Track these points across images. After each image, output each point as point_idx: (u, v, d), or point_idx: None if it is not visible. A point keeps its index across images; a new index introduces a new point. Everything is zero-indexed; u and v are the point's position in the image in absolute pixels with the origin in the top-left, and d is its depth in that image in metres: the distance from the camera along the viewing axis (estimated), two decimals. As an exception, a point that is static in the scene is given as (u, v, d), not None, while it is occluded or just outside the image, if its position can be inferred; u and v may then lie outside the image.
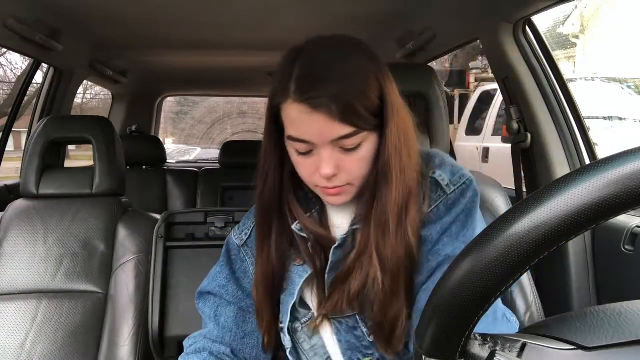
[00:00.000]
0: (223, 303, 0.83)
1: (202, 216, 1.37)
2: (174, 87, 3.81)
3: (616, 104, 4.72)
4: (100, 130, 1.37)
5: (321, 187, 0.71)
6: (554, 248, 0.32)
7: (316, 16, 1.87)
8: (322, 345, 0.79)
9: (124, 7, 1.74)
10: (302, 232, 0.76)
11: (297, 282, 0.77)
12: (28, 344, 1.19)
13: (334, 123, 0.65)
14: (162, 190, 2.85)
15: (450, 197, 0.73)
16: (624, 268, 1.29)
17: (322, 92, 0.64)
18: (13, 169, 2.94)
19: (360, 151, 0.69)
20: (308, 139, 0.67)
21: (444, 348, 0.37)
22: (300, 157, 0.70)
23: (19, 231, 1.30)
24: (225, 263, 0.86)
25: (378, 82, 0.68)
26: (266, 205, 0.76)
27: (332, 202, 0.74)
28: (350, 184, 0.71)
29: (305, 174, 0.72)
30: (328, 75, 0.65)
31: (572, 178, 0.32)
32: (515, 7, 1.38)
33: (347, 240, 0.75)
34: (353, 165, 0.69)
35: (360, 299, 0.73)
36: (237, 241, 0.86)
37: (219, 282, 0.85)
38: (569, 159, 1.47)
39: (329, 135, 0.66)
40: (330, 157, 0.68)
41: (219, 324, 0.82)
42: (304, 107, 0.65)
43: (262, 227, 0.78)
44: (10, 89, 8.52)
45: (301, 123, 0.66)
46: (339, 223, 0.79)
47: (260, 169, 0.76)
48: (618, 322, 0.35)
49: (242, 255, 0.85)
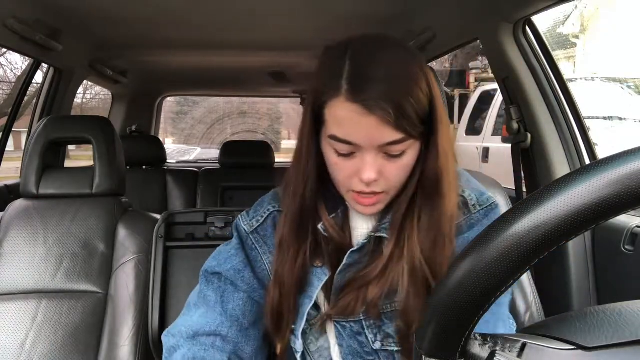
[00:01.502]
0: (230, 288, 0.78)
1: (202, 216, 1.37)
2: (174, 87, 3.81)
3: (616, 104, 4.72)
4: (100, 130, 1.37)
5: (355, 193, 0.69)
6: (554, 248, 0.32)
7: (316, 16, 1.87)
8: (326, 347, 0.78)
9: (124, 7, 1.74)
10: (326, 232, 0.74)
11: (317, 285, 0.75)
12: (28, 344, 1.19)
13: (387, 127, 0.62)
14: (162, 190, 2.85)
15: (474, 217, 0.73)
16: (624, 268, 1.29)
17: (377, 94, 0.61)
18: (13, 169, 2.94)
19: (403, 159, 0.67)
20: (355, 141, 0.64)
21: (444, 348, 0.37)
22: (339, 159, 0.67)
23: (19, 231, 1.30)
24: (239, 247, 0.81)
25: (428, 87, 0.66)
26: (307, 206, 0.73)
27: (364, 212, 0.72)
28: (386, 192, 0.69)
29: (342, 176, 0.69)
30: (383, 76, 0.63)
31: (572, 178, 0.32)
32: (515, 7, 1.38)
33: (366, 245, 0.74)
34: (394, 172, 0.67)
35: (379, 305, 0.71)
36: (246, 227, 0.82)
37: (234, 265, 0.79)
38: (569, 159, 1.47)
39: (378, 140, 0.64)
40: (374, 161, 0.65)
41: (227, 312, 0.77)
42: (357, 108, 0.62)
43: (299, 227, 0.74)
44: (10, 89, 8.52)
45: (350, 124, 0.63)
46: (358, 226, 0.77)
47: (298, 168, 0.73)
48: (618, 322, 0.35)
49: (250, 242, 0.81)
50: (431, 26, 1.78)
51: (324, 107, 0.66)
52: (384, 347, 0.74)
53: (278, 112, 10.02)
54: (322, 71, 0.68)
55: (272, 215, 0.81)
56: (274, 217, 0.81)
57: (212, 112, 7.85)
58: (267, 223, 0.81)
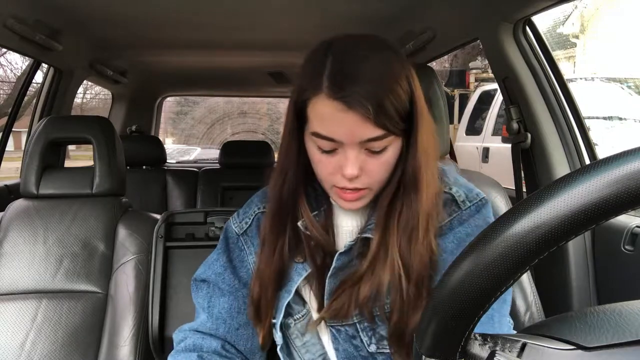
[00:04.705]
0: (217, 293, 0.81)
1: (202, 216, 1.37)
2: (174, 87, 3.81)
3: (616, 104, 4.72)
4: (100, 130, 1.37)
5: (339, 188, 0.70)
6: (554, 248, 0.32)
7: (316, 16, 1.87)
8: (314, 343, 0.79)
9: (124, 7, 1.74)
10: (307, 230, 0.75)
11: (296, 280, 0.76)
12: (28, 344, 1.19)
13: (367, 124, 0.63)
14: (162, 190, 2.85)
15: (464, 213, 0.74)
16: (624, 268, 1.29)
17: (357, 91, 0.62)
18: (13, 169, 2.94)
19: (385, 155, 0.68)
20: (337, 138, 0.66)
21: (444, 348, 0.37)
22: (322, 155, 0.69)
23: (19, 231, 1.30)
24: (222, 250, 0.84)
25: (409, 85, 0.67)
26: (285, 201, 0.75)
27: (347, 207, 0.73)
28: (369, 188, 0.70)
29: (325, 172, 0.70)
30: (363, 74, 0.64)
31: (572, 178, 0.32)
32: (515, 7, 1.38)
33: (353, 247, 0.74)
34: (376, 168, 0.69)
35: (369, 306, 0.72)
36: (236, 229, 0.84)
37: (215, 269, 0.82)
38: (569, 159, 1.47)
39: (359, 136, 0.65)
40: (356, 157, 0.66)
41: (212, 315, 0.80)
42: (338, 105, 0.63)
43: (277, 223, 0.76)
44: (10, 89, 8.52)
45: (332, 121, 0.65)
46: (345, 224, 0.78)
47: (279, 164, 0.75)
48: (618, 322, 0.35)
49: (240, 244, 0.83)
50: (431, 26, 1.78)
51: (307, 105, 0.67)
52: (380, 349, 0.75)
53: (278, 112, 10.01)
54: (305, 69, 0.69)
55: (257, 217, 0.83)
56: (258, 219, 0.83)
57: (212, 112, 7.84)
58: (253, 225, 0.83)
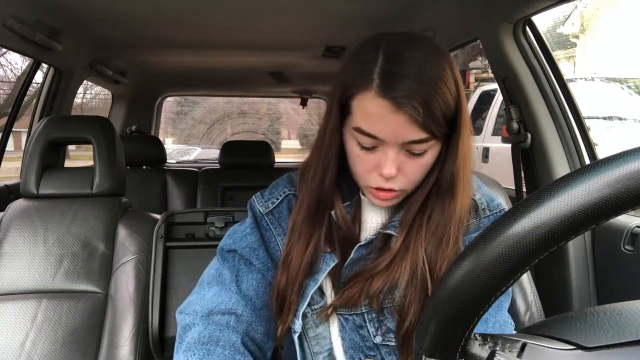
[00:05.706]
0: (244, 269, 0.78)
1: (202, 216, 1.37)
2: (174, 87, 3.81)
3: (616, 104, 4.72)
4: (100, 130, 1.37)
5: (373, 187, 0.70)
6: (554, 248, 0.32)
7: (316, 16, 1.87)
8: (325, 336, 0.79)
9: (124, 7, 1.74)
10: (338, 220, 0.75)
11: (324, 270, 0.75)
12: (28, 344, 1.19)
13: (414, 126, 0.63)
14: (162, 190, 2.85)
15: (482, 221, 0.75)
16: (624, 268, 1.29)
17: (409, 93, 0.62)
18: (13, 169, 2.94)
19: (424, 158, 0.68)
20: (380, 136, 0.65)
21: (444, 348, 0.37)
22: (361, 151, 0.68)
23: (19, 231, 1.30)
24: (254, 226, 0.81)
25: (456, 89, 0.67)
26: (325, 194, 0.74)
27: (379, 205, 0.73)
28: (404, 190, 0.71)
29: (362, 169, 0.70)
30: (415, 75, 0.63)
31: (572, 178, 0.32)
32: (515, 7, 1.38)
33: (374, 241, 0.75)
34: (413, 170, 0.69)
35: (380, 298, 0.72)
36: (261, 208, 0.82)
37: (249, 243, 0.79)
38: (569, 159, 1.47)
39: (404, 137, 0.65)
40: (395, 158, 0.66)
41: (241, 291, 0.76)
42: (387, 104, 0.63)
43: (315, 213, 0.75)
44: (10, 89, 8.52)
45: (378, 119, 0.64)
46: (368, 219, 0.78)
47: (320, 157, 0.74)
48: (618, 322, 0.35)
49: (264, 223, 0.81)
50: (431, 26, 1.78)
51: (352, 99, 0.67)
52: (385, 341, 0.75)
53: (278, 112, 10.01)
54: (354, 63, 0.68)
55: (288, 198, 0.82)
56: (289, 200, 0.82)
57: (212, 112, 7.83)
58: (283, 205, 0.82)
